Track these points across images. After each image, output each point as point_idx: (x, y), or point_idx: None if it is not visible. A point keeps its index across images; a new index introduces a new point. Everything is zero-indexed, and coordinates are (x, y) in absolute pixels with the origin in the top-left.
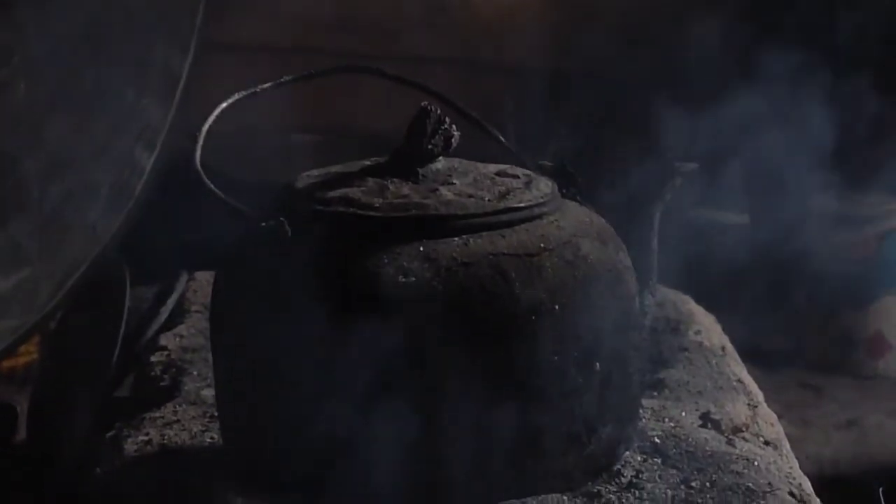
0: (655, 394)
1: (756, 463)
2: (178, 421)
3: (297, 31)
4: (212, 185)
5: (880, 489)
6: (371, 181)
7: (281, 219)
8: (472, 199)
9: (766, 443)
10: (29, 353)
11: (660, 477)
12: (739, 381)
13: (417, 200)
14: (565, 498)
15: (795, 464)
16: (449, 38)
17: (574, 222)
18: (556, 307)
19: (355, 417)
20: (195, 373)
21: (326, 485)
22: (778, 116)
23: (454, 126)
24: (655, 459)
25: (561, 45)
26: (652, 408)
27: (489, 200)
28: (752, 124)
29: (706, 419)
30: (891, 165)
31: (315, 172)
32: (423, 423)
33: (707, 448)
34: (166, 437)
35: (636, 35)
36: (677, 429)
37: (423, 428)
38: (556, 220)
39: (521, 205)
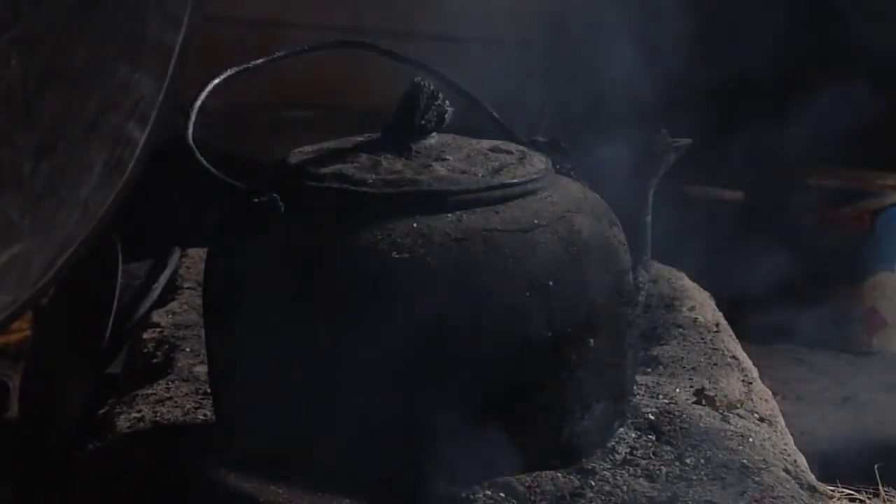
0: (649, 370)
1: (751, 439)
2: (170, 398)
3: (290, 6)
4: (205, 161)
5: (876, 466)
6: (364, 157)
7: (274, 195)
8: (466, 175)
9: (761, 419)
10: (21, 330)
11: (654, 454)
12: (734, 357)
13: (411, 176)
14: (559, 474)
15: (790, 440)
16: (440, 13)
17: (568, 198)
18: (550, 283)
19: (348, 391)
20: (188, 349)
21: (320, 460)
22: None
23: (447, 102)
24: (650, 436)
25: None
26: (646, 384)
27: (483, 176)
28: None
29: (700, 395)
30: (886, 141)
31: (308, 148)
32: (415, 398)
33: (701, 424)
34: (159, 414)
35: None
36: (671, 405)
37: (416, 403)
38: (549, 195)
39: (515, 180)
